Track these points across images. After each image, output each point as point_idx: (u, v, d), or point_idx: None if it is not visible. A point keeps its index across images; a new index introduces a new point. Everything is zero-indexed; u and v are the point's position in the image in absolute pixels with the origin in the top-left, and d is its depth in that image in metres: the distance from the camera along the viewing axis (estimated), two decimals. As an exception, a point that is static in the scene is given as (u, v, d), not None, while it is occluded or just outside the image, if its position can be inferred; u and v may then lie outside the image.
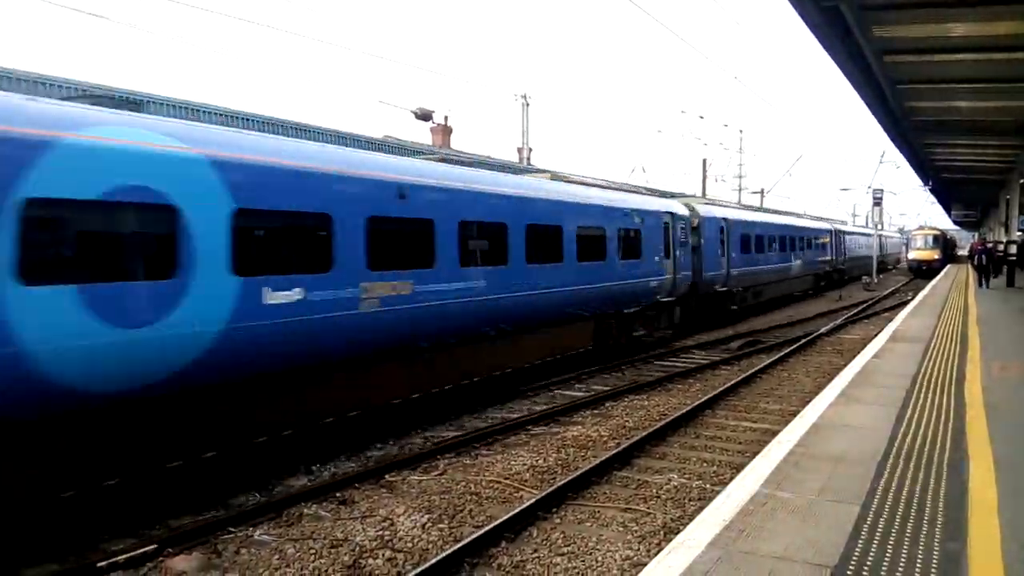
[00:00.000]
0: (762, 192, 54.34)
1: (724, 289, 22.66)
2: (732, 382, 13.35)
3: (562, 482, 7.92)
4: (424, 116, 27.21)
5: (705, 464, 8.97)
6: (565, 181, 15.45)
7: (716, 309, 22.41)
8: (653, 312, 17.82)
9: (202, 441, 8.01)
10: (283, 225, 8.48)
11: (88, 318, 6.37)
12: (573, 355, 15.06)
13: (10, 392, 5.97)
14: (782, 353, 16.83)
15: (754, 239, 25.35)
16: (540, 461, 9.11)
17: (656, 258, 17.26)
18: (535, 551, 6.50)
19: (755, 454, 7.07)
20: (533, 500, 7.35)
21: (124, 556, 6.30)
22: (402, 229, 9.94)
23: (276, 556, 6.49)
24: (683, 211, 19.65)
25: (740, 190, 51.67)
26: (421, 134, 35.82)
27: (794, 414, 9.03)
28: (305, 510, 7.57)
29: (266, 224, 8.28)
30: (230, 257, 7.61)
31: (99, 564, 6.18)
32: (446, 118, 27.93)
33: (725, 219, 22.77)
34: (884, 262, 57.74)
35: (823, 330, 21.09)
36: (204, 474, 8.25)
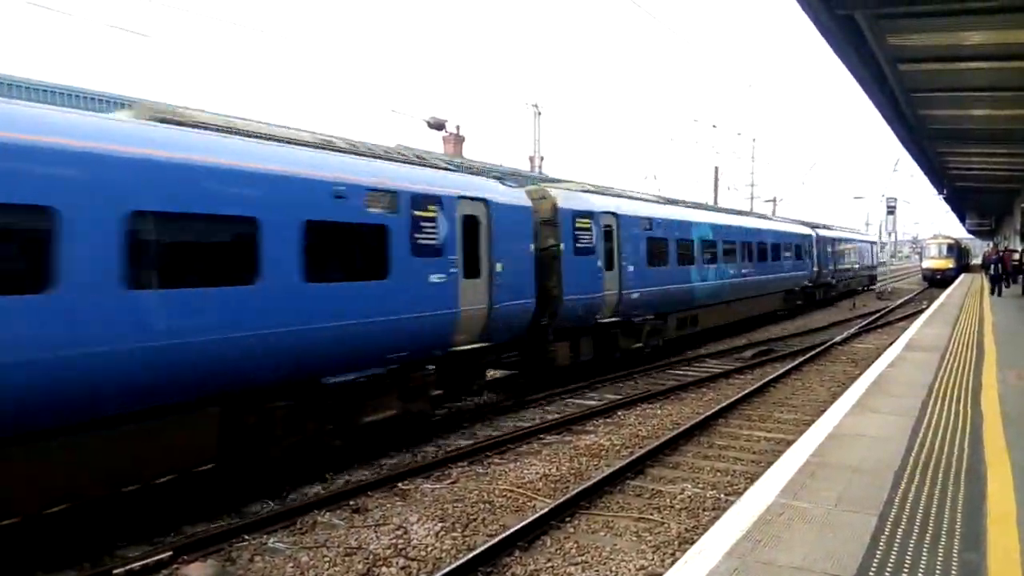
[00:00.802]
0: (774, 200, 54.17)
1: None
2: (745, 391, 13.28)
3: (575, 491, 7.90)
4: (437, 125, 27.35)
5: (719, 474, 8.92)
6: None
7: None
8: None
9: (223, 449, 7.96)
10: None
11: None
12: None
13: None
14: (796, 362, 16.75)
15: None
16: (553, 470, 9.09)
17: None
18: (549, 560, 6.49)
19: (770, 464, 7.03)
20: (546, 509, 7.34)
21: (139, 563, 6.32)
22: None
23: (290, 564, 6.50)
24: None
25: (752, 198, 51.51)
26: (433, 143, 35.95)
27: (809, 424, 8.97)
28: (319, 518, 7.58)
29: None
30: None
31: (115, 571, 6.20)
32: (458, 127, 28.08)
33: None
34: (842, 281, 37.07)
35: (837, 339, 20.97)
36: (218, 481, 8.27)
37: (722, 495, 8.09)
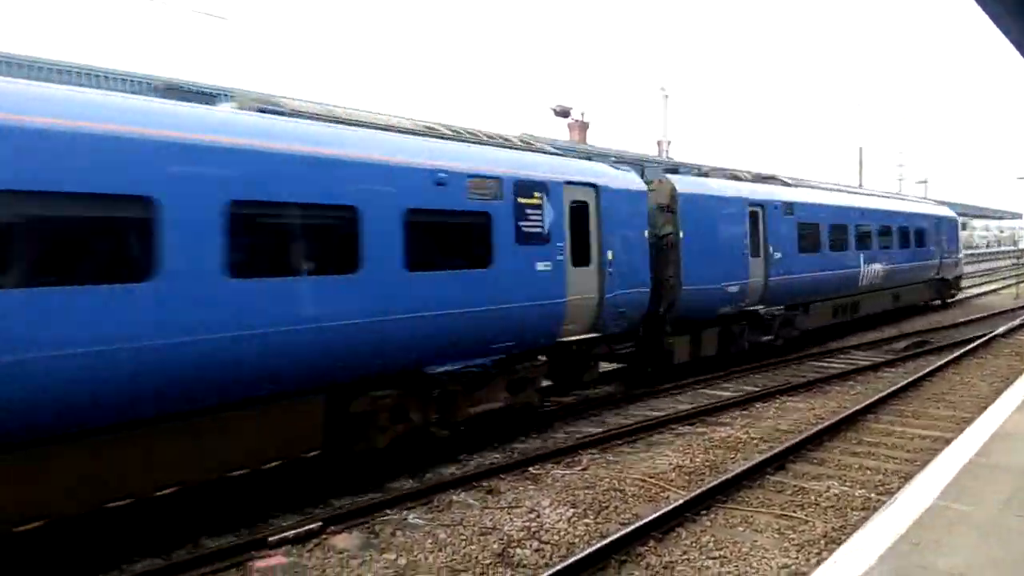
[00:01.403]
0: (925, 182, 50.48)
1: None
2: (897, 385, 12.46)
3: (712, 483, 7.71)
4: (563, 113, 27.43)
5: (869, 472, 8.42)
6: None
7: None
8: None
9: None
10: None
11: None
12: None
13: None
14: (953, 355, 15.52)
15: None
16: (687, 461, 8.91)
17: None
18: (684, 553, 6.37)
19: (925, 463, 6.59)
20: (681, 501, 7.20)
21: (292, 532, 6.76)
22: None
23: (429, 540, 6.74)
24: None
25: (901, 179, 48.21)
26: (558, 130, 35.95)
27: (968, 421, 8.33)
28: (454, 497, 7.81)
29: None
30: None
31: (270, 539, 6.66)
32: (583, 114, 28.01)
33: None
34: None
35: (1000, 331, 19.23)
36: (361, 459, 8.67)
37: (872, 494, 7.63)
